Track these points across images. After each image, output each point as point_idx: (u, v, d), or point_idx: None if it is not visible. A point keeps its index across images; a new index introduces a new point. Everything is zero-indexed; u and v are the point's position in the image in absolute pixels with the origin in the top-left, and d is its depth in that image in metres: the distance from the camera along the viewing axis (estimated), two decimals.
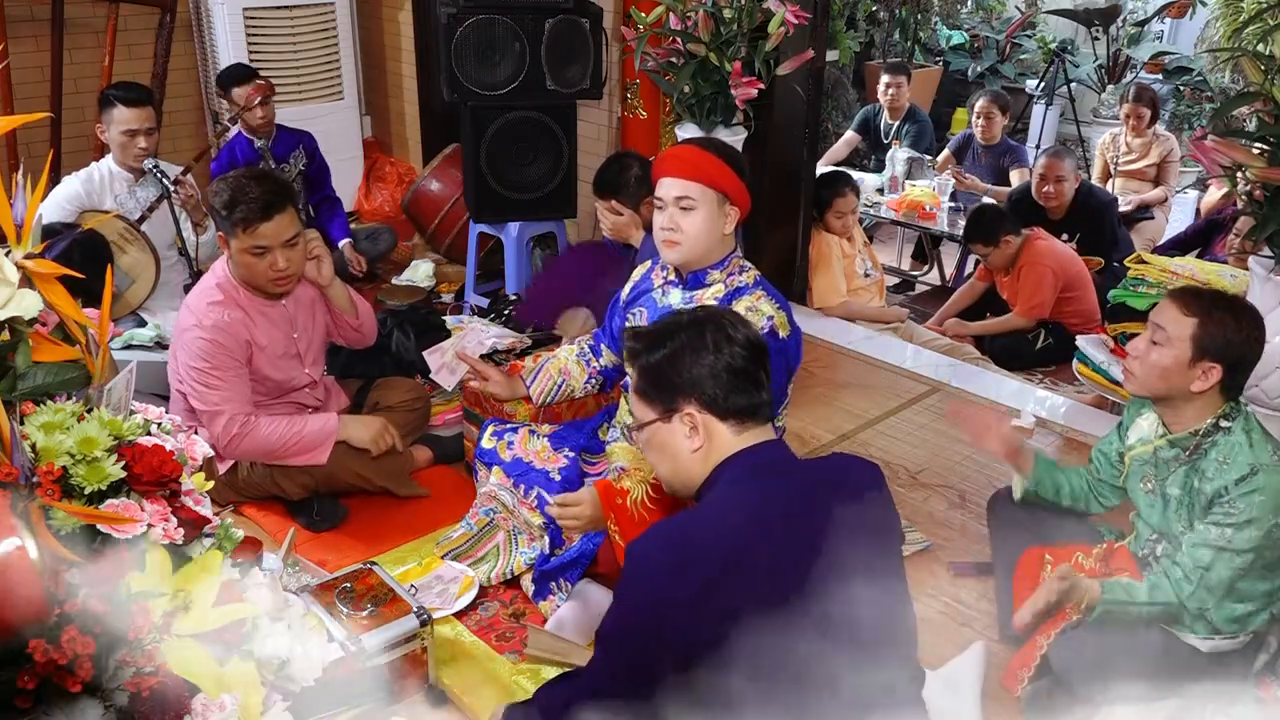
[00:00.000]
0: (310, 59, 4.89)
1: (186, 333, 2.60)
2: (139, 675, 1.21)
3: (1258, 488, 1.98)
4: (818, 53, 3.82)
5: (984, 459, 3.27)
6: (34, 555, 1.11)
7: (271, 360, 2.72)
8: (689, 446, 1.58)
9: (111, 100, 3.41)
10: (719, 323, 1.60)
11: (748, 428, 1.58)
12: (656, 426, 1.62)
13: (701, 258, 2.34)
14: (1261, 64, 2.62)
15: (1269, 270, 2.72)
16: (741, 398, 1.57)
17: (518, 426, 2.67)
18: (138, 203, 3.50)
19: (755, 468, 1.56)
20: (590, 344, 2.72)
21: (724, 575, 1.44)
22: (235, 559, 1.47)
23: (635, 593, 1.51)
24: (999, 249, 4.18)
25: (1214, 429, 2.08)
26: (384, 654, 2.06)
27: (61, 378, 1.34)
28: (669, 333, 1.61)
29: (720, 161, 2.28)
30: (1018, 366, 4.09)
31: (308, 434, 2.69)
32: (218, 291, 2.64)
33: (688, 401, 1.57)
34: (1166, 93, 7.22)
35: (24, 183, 1.37)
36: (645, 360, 1.62)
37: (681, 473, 1.63)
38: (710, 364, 1.56)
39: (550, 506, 2.32)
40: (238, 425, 2.61)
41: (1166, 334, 2.06)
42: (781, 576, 1.47)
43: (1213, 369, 2.03)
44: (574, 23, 3.62)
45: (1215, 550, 2.02)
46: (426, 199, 4.58)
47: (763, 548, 1.48)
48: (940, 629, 2.44)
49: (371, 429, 2.77)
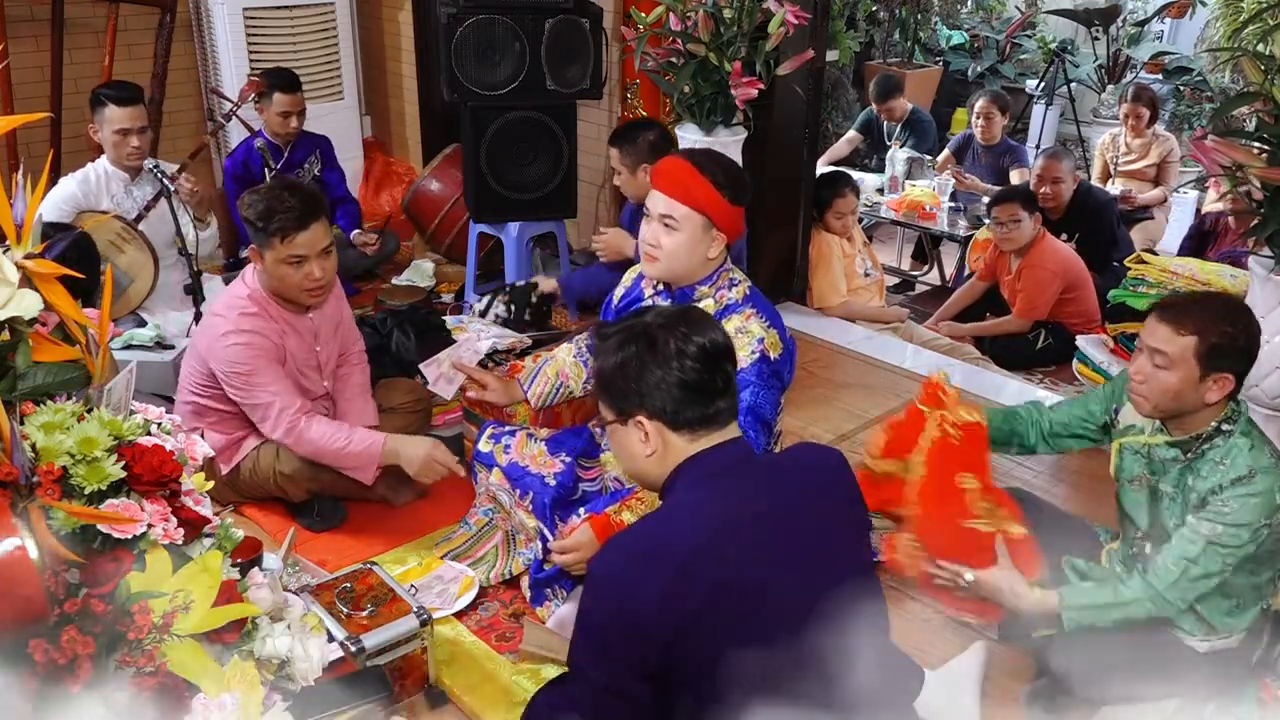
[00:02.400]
0: (310, 59, 4.89)
1: (222, 340, 2.57)
2: (139, 675, 1.21)
3: (1255, 491, 1.97)
4: (818, 53, 3.82)
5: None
6: (34, 555, 1.11)
7: (298, 370, 2.72)
8: (643, 451, 1.59)
9: (102, 100, 3.40)
10: (677, 330, 1.57)
11: (701, 436, 1.57)
12: (614, 426, 1.63)
13: (681, 276, 2.34)
14: (1261, 64, 2.62)
15: (1269, 270, 2.72)
16: (693, 410, 1.55)
17: (515, 430, 2.67)
18: (135, 202, 3.50)
19: (712, 468, 1.56)
20: (588, 343, 2.72)
21: (685, 576, 1.43)
22: (235, 559, 1.47)
23: (598, 608, 1.49)
24: (1025, 225, 4.12)
25: (1216, 432, 2.06)
26: (384, 654, 2.06)
27: (61, 378, 1.34)
28: (625, 340, 1.59)
29: (711, 186, 2.23)
30: (1018, 366, 4.09)
31: (354, 442, 2.61)
32: (250, 303, 2.63)
33: (638, 410, 1.57)
34: (1166, 93, 7.22)
35: (24, 183, 1.37)
36: (600, 364, 1.62)
37: (639, 473, 1.65)
38: (659, 379, 1.54)
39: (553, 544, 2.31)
40: (287, 417, 2.58)
41: (1168, 356, 2.00)
42: (751, 572, 1.47)
43: (1225, 379, 2.00)
44: (574, 23, 3.62)
45: (1204, 544, 2.00)
46: (426, 199, 4.59)
47: (728, 546, 1.47)
48: (940, 629, 2.44)
49: (420, 449, 2.59)
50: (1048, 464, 3.27)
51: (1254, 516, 1.97)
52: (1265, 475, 1.98)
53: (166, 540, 1.30)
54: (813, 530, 1.54)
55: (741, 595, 1.46)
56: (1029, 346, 4.20)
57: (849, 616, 1.52)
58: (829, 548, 1.56)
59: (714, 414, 1.57)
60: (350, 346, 2.97)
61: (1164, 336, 2.01)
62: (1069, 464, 3.26)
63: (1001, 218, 4.15)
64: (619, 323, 1.67)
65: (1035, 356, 4.18)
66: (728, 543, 1.47)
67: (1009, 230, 4.13)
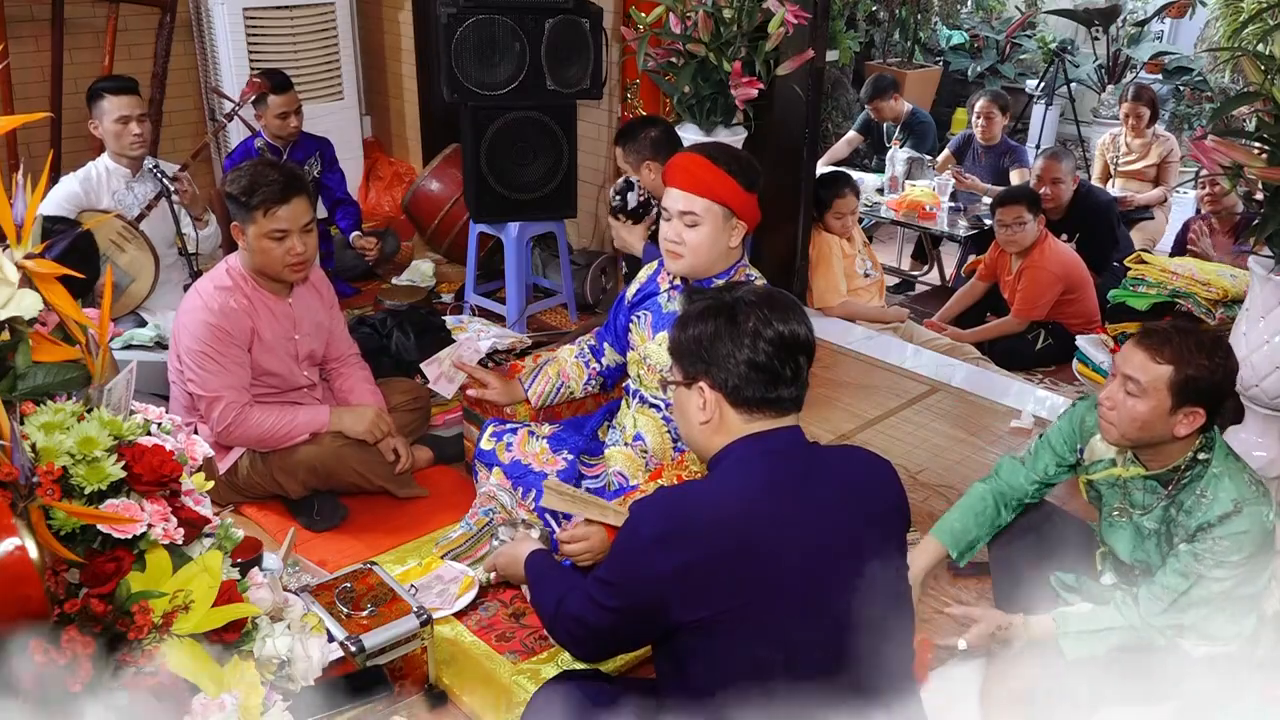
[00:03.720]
0: (310, 59, 4.89)
1: (191, 314, 2.62)
2: (139, 675, 1.21)
3: (1244, 529, 1.95)
4: (818, 53, 3.81)
5: (984, 459, 3.28)
6: (34, 555, 1.11)
7: (270, 354, 2.73)
8: (700, 418, 1.61)
9: (99, 93, 3.43)
10: (760, 311, 1.59)
11: (758, 418, 1.59)
12: (678, 388, 1.67)
13: (705, 269, 2.35)
14: (1261, 64, 2.61)
15: (1269, 270, 2.72)
16: (754, 390, 1.57)
17: (517, 428, 2.67)
18: (136, 199, 3.50)
19: (765, 452, 1.58)
20: (592, 344, 2.72)
21: (714, 558, 1.48)
22: (235, 559, 1.48)
23: (627, 548, 1.57)
24: (1029, 227, 4.12)
25: (1194, 462, 2.04)
26: (384, 654, 2.06)
27: (61, 378, 1.34)
28: (710, 309, 1.62)
29: (726, 175, 2.26)
30: (1018, 366, 4.09)
31: (299, 423, 2.71)
32: (226, 278, 2.67)
33: (703, 377, 1.60)
34: (1166, 93, 7.22)
35: (24, 183, 1.37)
36: (679, 327, 1.65)
37: (692, 439, 1.67)
38: (729, 352, 1.57)
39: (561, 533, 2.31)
40: (234, 412, 2.64)
41: (1140, 384, 1.96)
42: (783, 561, 1.49)
43: (1195, 413, 1.96)
44: (574, 23, 3.62)
45: (1195, 579, 1.99)
46: (426, 199, 4.59)
47: (767, 531, 1.50)
48: (940, 629, 2.44)
49: (365, 418, 2.78)
50: None
51: (1246, 551, 1.96)
52: (1251, 506, 1.96)
53: (166, 540, 1.30)
54: (851, 528, 1.56)
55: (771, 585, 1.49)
56: (1029, 347, 4.20)
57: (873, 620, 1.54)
58: (862, 548, 1.56)
59: (775, 399, 1.58)
60: (344, 352, 2.99)
61: (1139, 364, 1.98)
62: None
63: (1006, 219, 4.14)
64: (709, 291, 1.70)
65: (1035, 357, 4.18)
66: (771, 530, 1.51)
67: (1013, 232, 4.13)
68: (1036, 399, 3.67)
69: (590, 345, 2.71)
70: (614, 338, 2.65)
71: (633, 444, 2.53)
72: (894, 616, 1.61)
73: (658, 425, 2.49)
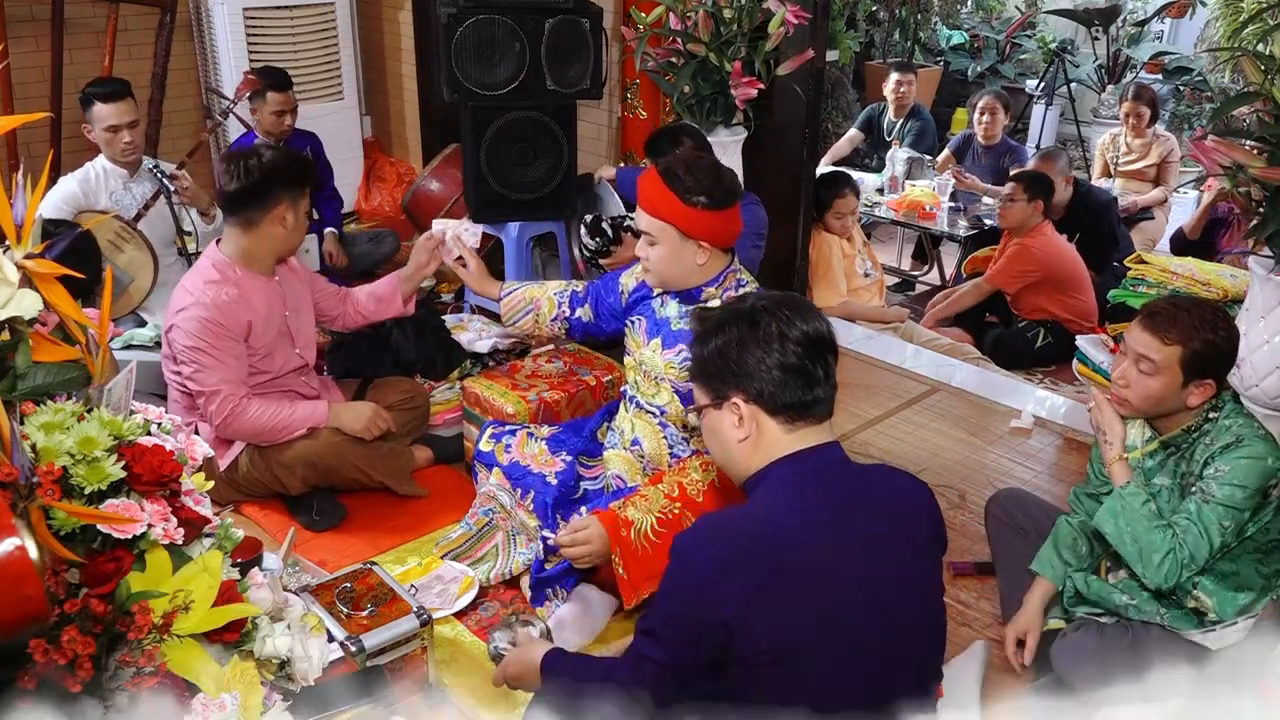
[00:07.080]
0: (310, 59, 4.89)
1: (184, 312, 2.62)
2: (139, 675, 1.21)
3: (1246, 455, 2.01)
4: (818, 53, 3.82)
5: (984, 459, 3.28)
6: (34, 555, 1.10)
7: (267, 337, 2.74)
8: (736, 436, 1.56)
9: (90, 99, 3.42)
10: (780, 313, 1.55)
11: (799, 426, 1.54)
12: (708, 411, 1.60)
13: (676, 283, 2.34)
14: (1261, 64, 2.62)
15: (1269, 270, 2.72)
16: (791, 394, 1.52)
17: (515, 429, 2.67)
18: (134, 198, 3.50)
19: (805, 474, 1.52)
20: (576, 291, 2.70)
21: (770, 578, 1.41)
22: (235, 559, 1.47)
23: (684, 583, 1.47)
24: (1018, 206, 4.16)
25: (1205, 420, 2.12)
26: (384, 654, 2.06)
27: (61, 378, 1.34)
28: (725, 321, 1.57)
29: (674, 197, 2.20)
30: (1018, 366, 4.09)
31: (298, 417, 2.71)
32: (214, 271, 2.67)
33: (735, 392, 1.54)
34: (1166, 93, 7.21)
35: (24, 183, 1.37)
36: (698, 348, 1.60)
37: (730, 461, 1.61)
38: (759, 359, 1.52)
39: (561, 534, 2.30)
40: (231, 404, 2.64)
41: (1154, 363, 2.07)
42: (825, 584, 1.44)
43: (1206, 384, 2.07)
44: (574, 23, 3.62)
45: (1199, 504, 2.02)
46: (426, 199, 4.58)
47: (812, 554, 1.45)
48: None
49: (363, 416, 2.78)
50: (1047, 464, 3.27)
51: (1247, 478, 2.00)
52: (1255, 441, 2.03)
53: (166, 540, 1.29)
54: (894, 551, 1.51)
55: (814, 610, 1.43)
56: (1029, 346, 4.20)
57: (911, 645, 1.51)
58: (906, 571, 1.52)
59: (812, 401, 1.53)
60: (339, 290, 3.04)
61: (1148, 343, 2.08)
62: (1069, 464, 3.27)
63: (1004, 192, 4.29)
64: (718, 307, 1.66)
65: (1035, 356, 4.18)
66: (815, 553, 1.45)
67: (1005, 207, 4.24)
68: (1036, 399, 3.67)
69: (574, 291, 2.69)
70: (594, 304, 2.65)
71: (631, 448, 2.53)
72: (940, 647, 1.59)
73: (655, 431, 2.49)
